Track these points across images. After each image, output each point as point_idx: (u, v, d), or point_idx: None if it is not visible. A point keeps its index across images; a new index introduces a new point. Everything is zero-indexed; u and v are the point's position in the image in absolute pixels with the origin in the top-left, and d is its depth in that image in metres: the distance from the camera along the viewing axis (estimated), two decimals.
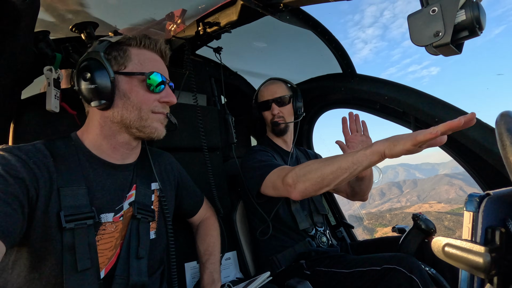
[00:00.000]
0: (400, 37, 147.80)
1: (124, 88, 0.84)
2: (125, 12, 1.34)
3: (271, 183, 1.23)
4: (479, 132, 1.24)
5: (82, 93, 0.82)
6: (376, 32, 44.70)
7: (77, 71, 0.82)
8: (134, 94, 0.84)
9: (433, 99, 1.38)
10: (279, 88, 1.55)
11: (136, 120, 0.85)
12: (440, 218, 73.61)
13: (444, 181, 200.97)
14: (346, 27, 37.20)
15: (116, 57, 0.84)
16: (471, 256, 0.38)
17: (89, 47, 0.88)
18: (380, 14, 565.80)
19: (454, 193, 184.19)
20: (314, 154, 1.81)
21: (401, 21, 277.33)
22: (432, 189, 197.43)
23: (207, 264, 1.14)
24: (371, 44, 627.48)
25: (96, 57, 0.81)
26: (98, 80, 0.80)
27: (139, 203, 0.91)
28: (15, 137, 1.04)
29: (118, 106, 0.83)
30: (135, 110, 0.84)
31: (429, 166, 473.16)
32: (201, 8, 1.30)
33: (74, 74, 0.84)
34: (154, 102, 0.87)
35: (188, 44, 1.37)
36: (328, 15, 33.17)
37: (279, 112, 1.51)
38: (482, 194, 0.40)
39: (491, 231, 0.39)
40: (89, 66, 0.81)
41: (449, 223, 73.92)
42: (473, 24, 0.66)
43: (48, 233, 0.72)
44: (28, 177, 0.70)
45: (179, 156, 1.26)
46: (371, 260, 1.14)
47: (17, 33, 0.75)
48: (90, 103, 0.82)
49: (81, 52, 1.06)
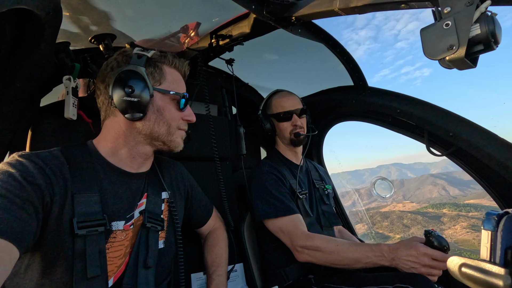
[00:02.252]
0: (392, 39, 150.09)
1: (158, 104, 0.89)
2: (142, 24, 1.40)
3: (279, 228, 1.30)
4: (496, 148, 1.20)
5: (117, 104, 0.83)
6: (369, 34, 44.82)
7: (115, 82, 0.83)
8: (167, 111, 0.90)
9: (447, 113, 1.35)
10: (297, 100, 1.57)
11: (164, 135, 0.90)
12: (401, 216, 77.90)
13: (428, 181, 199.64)
14: (339, 28, 37.72)
15: (152, 73, 0.88)
16: (490, 278, 0.36)
17: (108, 57, 0.91)
18: (373, 17, 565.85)
19: (437, 192, 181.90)
20: (324, 170, 1.80)
21: (393, 23, 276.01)
22: (417, 189, 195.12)
23: (213, 276, 1.13)
24: (364, 46, 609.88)
25: (137, 71, 0.84)
26: (138, 93, 0.83)
27: (150, 212, 0.92)
28: (32, 143, 1.07)
29: (150, 120, 0.87)
30: (165, 126, 0.90)
31: (421, 166, 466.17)
32: (214, 21, 1.33)
33: (110, 83, 0.85)
34: (180, 119, 0.93)
35: (201, 56, 1.40)
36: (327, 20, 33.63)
37: (301, 123, 1.52)
38: (501, 212, 0.38)
39: (511, 251, 0.37)
40: (131, 79, 0.83)
41: (407, 221, 78.82)
42: (488, 38, 0.65)
43: (61, 239, 0.73)
44: (44, 184, 0.71)
45: (189, 165, 1.27)
46: (383, 278, 1.10)
47: (40, 44, 0.79)
48: (125, 114, 0.83)
49: (98, 63, 1.10)
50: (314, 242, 1.19)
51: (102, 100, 0.89)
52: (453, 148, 1.38)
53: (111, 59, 0.89)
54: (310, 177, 1.60)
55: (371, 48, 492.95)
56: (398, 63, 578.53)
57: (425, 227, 44.74)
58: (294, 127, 1.51)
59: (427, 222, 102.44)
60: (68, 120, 1.05)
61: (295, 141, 1.52)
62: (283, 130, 1.54)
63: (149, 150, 0.93)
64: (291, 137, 1.52)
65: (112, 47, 1.15)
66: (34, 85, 0.97)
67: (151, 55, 0.89)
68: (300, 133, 1.50)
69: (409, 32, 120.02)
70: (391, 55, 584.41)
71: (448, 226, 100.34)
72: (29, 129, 1.08)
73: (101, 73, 0.89)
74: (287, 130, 1.53)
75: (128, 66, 0.84)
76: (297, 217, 1.31)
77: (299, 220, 1.30)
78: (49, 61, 0.98)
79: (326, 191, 1.59)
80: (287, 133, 1.53)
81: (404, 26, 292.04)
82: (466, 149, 1.30)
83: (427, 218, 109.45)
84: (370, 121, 1.74)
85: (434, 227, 50.88)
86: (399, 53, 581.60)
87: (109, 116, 0.89)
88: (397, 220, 23.85)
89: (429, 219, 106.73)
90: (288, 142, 1.55)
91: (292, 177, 1.49)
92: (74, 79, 1.05)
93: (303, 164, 1.58)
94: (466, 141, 1.28)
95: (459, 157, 1.40)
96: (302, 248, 1.21)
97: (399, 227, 43.64)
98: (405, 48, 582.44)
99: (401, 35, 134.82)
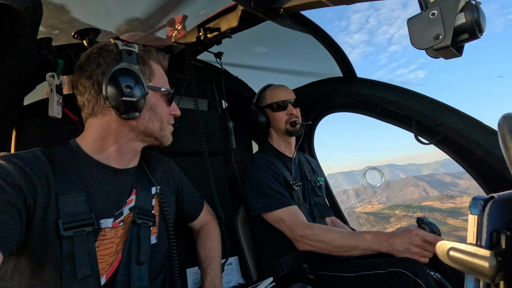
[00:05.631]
0: (386, 43, 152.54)
1: (151, 101, 0.89)
2: (127, 18, 1.36)
3: (279, 218, 1.32)
4: (482, 135, 1.23)
5: (113, 103, 0.80)
6: (362, 38, 45.10)
7: (110, 80, 0.80)
8: (160, 108, 0.91)
9: (435, 102, 1.38)
10: (292, 92, 1.59)
11: (157, 131, 0.91)
12: (359, 216, 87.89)
13: (411, 182, 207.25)
14: (334, 33, 38.24)
15: (143, 70, 0.88)
16: (476, 260, 0.37)
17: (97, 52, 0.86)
18: (366, 21, 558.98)
19: (418, 193, 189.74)
20: (316, 163, 1.81)
21: (386, 27, 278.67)
22: (400, 190, 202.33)
23: (208, 270, 1.13)
24: (359, 49, 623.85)
25: (132, 70, 0.83)
26: (136, 93, 0.82)
27: (140, 208, 0.91)
28: (17, 143, 1.04)
29: (145, 118, 0.87)
30: (158, 122, 0.91)
31: (414, 167, 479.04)
32: (201, 13, 1.31)
33: (101, 81, 0.81)
34: (168, 114, 0.95)
35: (189, 50, 1.38)
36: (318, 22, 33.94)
37: (296, 113, 1.54)
38: (487, 197, 0.39)
39: (496, 234, 0.38)
40: (128, 78, 0.81)
41: (362, 221, 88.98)
42: (473, 27, 0.66)
43: (47, 241, 0.72)
44: (25, 184, 0.69)
45: (180, 161, 1.26)
46: (375, 264, 1.14)
47: (19, 40, 0.76)
48: (122, 114, 0.82)
49: None
50: (314, 231, 1.23)
51: (88, 98, 0.84)
52: (440, 136, 1.41)
53: (93, 54, 0.85)
54: (303, 169, 1.61)
55: (365, 51, 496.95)
56: (392, 65, 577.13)
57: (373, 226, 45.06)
58: (290, 116, 1.52)
59: (376, 222, 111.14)
60: (53, 119, 1.02)
61: (291, 130, 1.53)
62: (278, 120, 1.54)
63: (139, 146, 0.93)
64: (286, 126, 1.53)
65: (97, 42, 1.12)
66: (16, 83, 0.94)
67: (137, 51, 0.87)
68: (296, 121, 1.51)
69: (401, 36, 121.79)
70: (385, 58, 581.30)
71: (391, 226, 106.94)
72: (13, 129, 1.05)
73: (84, 69, 0.84)
74: (283, 120, 1.53)
75: (122, 64, 0.82)
76: (295, 207, 1.34)
77: (297, 210, 1.33)
78: (31, 58, 0.95)
79: (318, 183, 1.61)
80: (282, 123, 1.54)
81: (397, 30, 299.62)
82: (452, 136, 1.33)
83: (378, 218, 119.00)
84: (360, 112, 1.75)
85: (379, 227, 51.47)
86: (392, 56, 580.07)
87: (97, 115, 0.85)
88: (355, 219, 25.69)
89: (379, 219, 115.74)
90: (284, 133, 1.55)
91: (285, 169, 1.50)
92: (58, 76, 1.02)
93: (295, 157, 1.59)
94: (452, 129, 1.31)
95: (446, 145, 1.43)
96: (302, 237, 1.24)
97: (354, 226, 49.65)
98: (398, 51, 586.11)
99: (394, 39, 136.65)
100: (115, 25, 1.35)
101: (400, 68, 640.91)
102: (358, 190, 17.60)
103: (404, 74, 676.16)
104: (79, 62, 0.86)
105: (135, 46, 0.87)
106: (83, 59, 0.85)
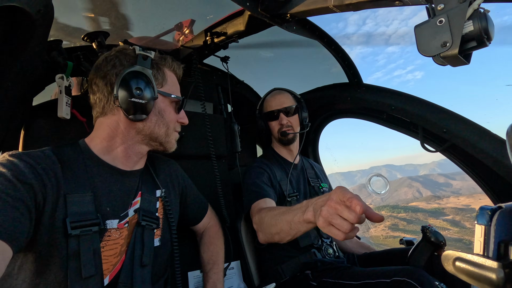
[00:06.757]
0: (383, 44, 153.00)
1: (160, 106, 0.91)
2: (136, 22, 1.38)
3: (251, 212, 1.27)
4: (490, 143, 1.21)
5: (123, 104, 0.82)
6: (360, 39, 45.77)
7: (122, 81, 0.82)
8: (167, 114, 0.93)
9: (441, 109, 1.36)
10: (287, 99, 1.56)
11: (162, 136, 0.92)
12: None
13: (405, 183, 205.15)
14: (330, 34, 38.59)
15: (156, 75, 0.90)
16: (484, 272, 0.36)
17: (100, 55, 0.90)
18: (363, 23, 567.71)
19: (411, 194, 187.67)
20: (320, 168, 1.80)
21: (383, 29, 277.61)
22: (395, 191, 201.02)
23: (210, 274, 1.13)
24: (357, 50, 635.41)
25: (145, 73, 0.85)
26: (145, 95, 0.84)
27: (144, 210, 0.91)
28: (25, 143, 1.06)
29: (151, 121, 0.89)
30: (164, 127, 0.92)
31: (412, 167, 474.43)
32: (209, 18, 1.32)
33: (114, 81, 0.84)
34: (176, 121, 0.96)
35: (196, 54, 1.39)
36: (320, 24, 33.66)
37: (288, 122, 1.52)
38: (494, 207, 0.39)
39: (504, 245, 0.37)
40: (140, 80, 0.83)
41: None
42: (481, 35, 0.65)
43: (54, 239, 0.72)
44: (36, 183, 0.71)
45: (184, 164, 1.27)
46: (380, 273, 1.12)
47: (30, 42, 0.77)
48: (129, 114, 0.83)
49: (91, 61, 1.09)
50: (260, 215, 1.13)
51: (100, 97, 0.87)
52: (447, 144, 1.39)
53: (111, 56, 0.88)
54: (306, 175, 1.60)
55: (363, 52, 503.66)
56: (390, 67, 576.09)
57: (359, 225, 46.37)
58: (281, 126, 1.53)
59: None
60: (61, 119, 1.03)
61: (282, 140, 1.54)
62: (272, 129, 1.57)
63: (145, 149, 0.94)
64: (278, 136, 1.54)
65: (106, 45, 1.13)
66: (26, 84, 0.95)
67: (153, 57, 0.90)
68: (286, 132, 1.51)
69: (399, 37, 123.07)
70: (383, 59, 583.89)
71: (375, 225, 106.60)
72: (21, 128, 1.07)
73: (100, 69, 0.87)
74: (275, 129, 1.55)
75: (135, 67, 0.84)
76: (267, 199, 1.27)
77: (267, 202, 1.26)
78: (41, 59, 0.96)
79: (321, 189, 1.60)
80: (275, 132, 1.56)
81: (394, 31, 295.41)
82: (459, 145, 1.31)
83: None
84: (365, 118, 1.75)
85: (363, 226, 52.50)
86: (390, 57, 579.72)
87: (107, 114, 0.88)
88: None
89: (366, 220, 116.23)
90: (278, 141, 1.58)
91: (285, 176, 1.49)
92: (67, 78, 1.04)
93: (298, 162, 1.59)
94: (459, 137, 1.29)
95: (453, 153, 1.41)
96: (257, 228, 1.15)
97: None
98: (395, 52, 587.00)
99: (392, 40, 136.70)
100: (124, 28, 1.37)
101: (397, 69, 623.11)
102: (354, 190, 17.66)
103: (402, 75, 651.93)
104: (96, 63, 0.89)
105: (151, 53, 0.90)
106: (101, 60, 0.88)
